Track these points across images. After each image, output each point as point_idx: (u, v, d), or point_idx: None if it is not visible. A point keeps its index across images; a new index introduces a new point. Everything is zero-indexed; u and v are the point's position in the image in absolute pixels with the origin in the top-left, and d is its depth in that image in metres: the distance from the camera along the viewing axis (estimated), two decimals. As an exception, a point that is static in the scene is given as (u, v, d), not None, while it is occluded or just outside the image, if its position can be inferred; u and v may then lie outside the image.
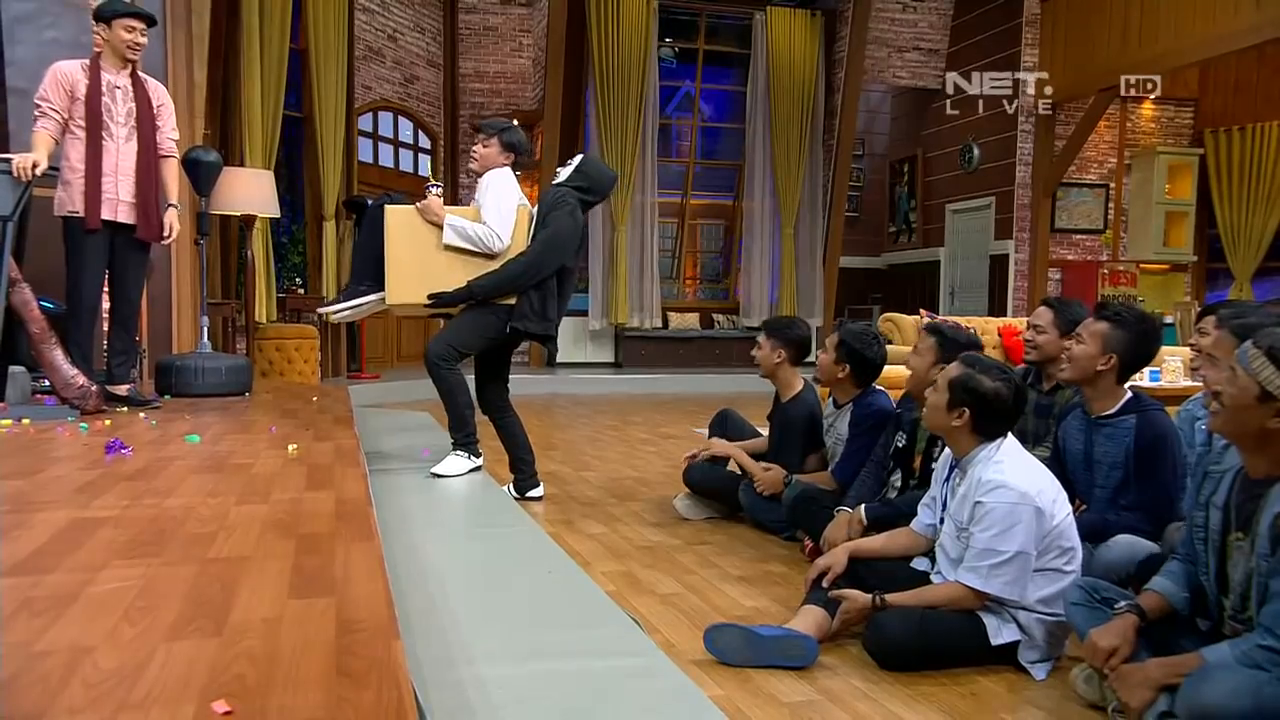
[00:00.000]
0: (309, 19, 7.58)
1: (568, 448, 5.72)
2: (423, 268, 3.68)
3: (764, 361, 3.59)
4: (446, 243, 3.65)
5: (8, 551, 1.83)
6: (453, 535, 2.96)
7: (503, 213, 3.66)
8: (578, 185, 3.79)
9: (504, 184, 3.73)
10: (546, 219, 3.69)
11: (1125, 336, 2.41)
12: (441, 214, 3.67)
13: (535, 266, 3.66)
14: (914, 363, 2.86)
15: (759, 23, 10.63)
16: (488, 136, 3.80)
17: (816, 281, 11.13)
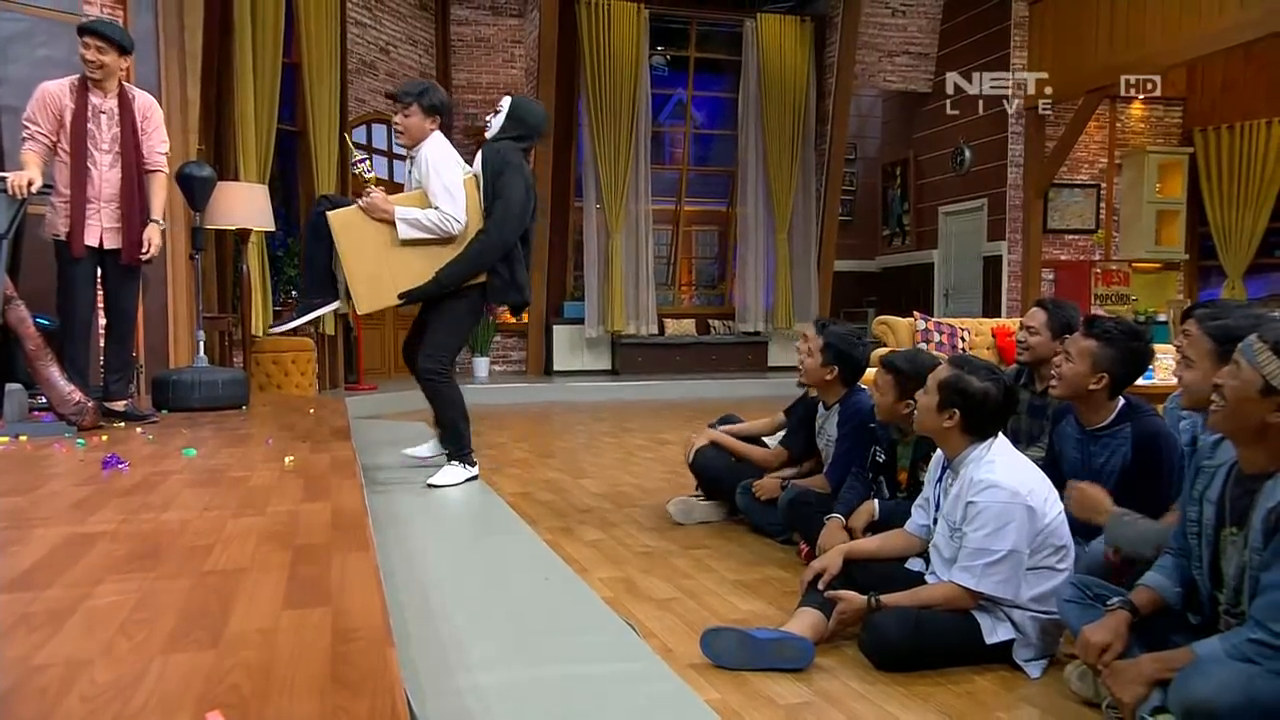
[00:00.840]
0: (301, 33, 7.60)
1: (565, 455, 5.73)
2: (383, 268, 3.52)
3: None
4: (403, 238, 3.50)
5: (5, 567, 1.84)
6: (450, 544, 2.96)
7: (453, 192, 3.51)
8: (515, 135, 3.64)
9: (444, 159, 3.56)
10: (496, 185, 3.54)
11: (1115, 354, 2.38)
12: (389, 209, 3.50)
13: (499, 242, 3.55)
14: (877, 399, 2.85)
15: (749, 29, 10.68)
16: (405, 105, 3.58)
17: (811, 285, 11.15)
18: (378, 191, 3.58)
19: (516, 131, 3.64)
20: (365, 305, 3.62)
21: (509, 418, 7.58)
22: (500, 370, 10.62)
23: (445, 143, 3.67)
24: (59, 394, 3.78)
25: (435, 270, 3.56)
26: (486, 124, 3.71)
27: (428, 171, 3.54)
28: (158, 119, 4.18)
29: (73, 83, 3.97)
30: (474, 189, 3.62)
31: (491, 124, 3.67)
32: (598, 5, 10.00)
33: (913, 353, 2.95)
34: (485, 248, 3.56)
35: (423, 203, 3.55)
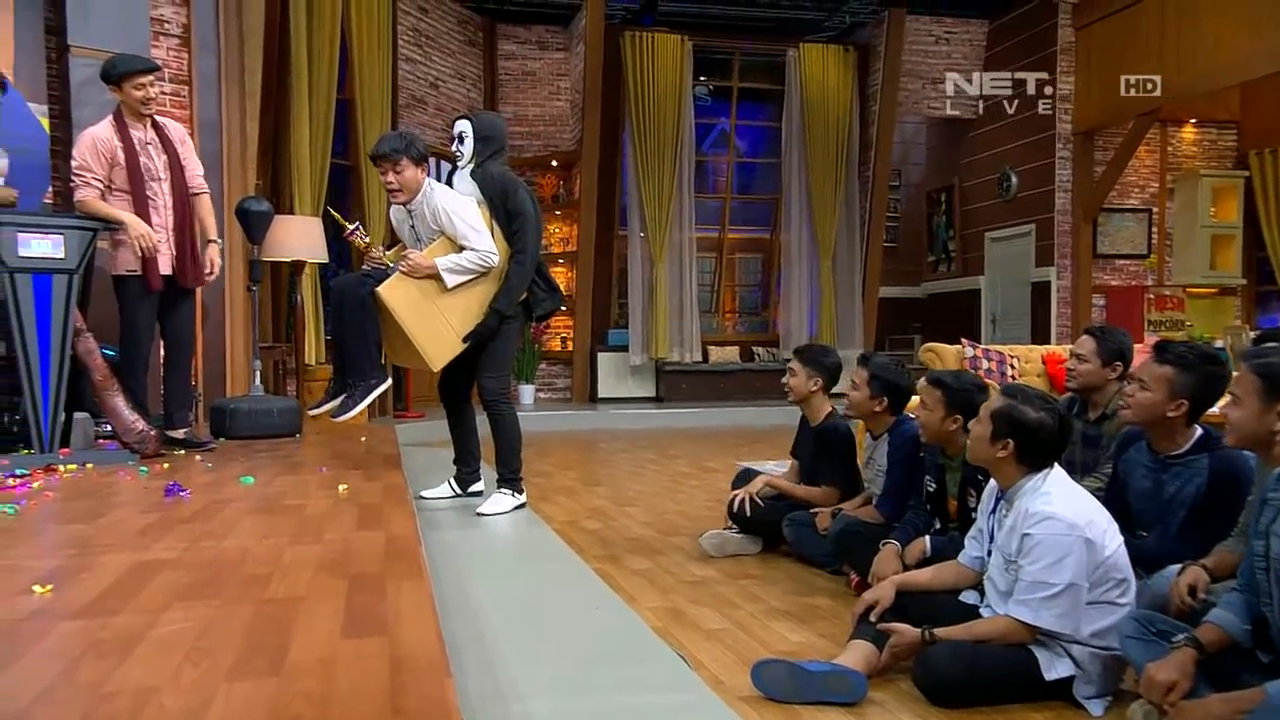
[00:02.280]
0: (355, 70, 7.81)
1: (611, 483, 5.74)
2: (441, 320, 3.61)
3: (798, 388, 3.61)
4: (451, 286, 3.58)
5: (75, 594, 1.90)
6: (499, 572, 2.99)
7: (478, 228, 3.57)
8: (492, 153, 3.67)
9: (456, 201, 3.60)
10: (507, 206, 3.61)
11: (1193, 380, 2.30)
12: (430, 264, 3.55)
13: (532, 259, 3.65)
14: (924, 417, 2.83)
15: (792, 59, 10.73)
16: (395, 162, 3.54)
17: (856, 312, 11.09)
18: (413, 253, 3.62)
19: (491, 149, 3.68)
20: (439, 361, 3.66)
21: (554, 445, 7.62)
22: (545, 397, 10.69)
23: (443, 185, 3.71)
24: (123, 423, 3.90)
25: (485, 304, 3.64)
26: (458, 154, 3.71)
27: (447, 218, 3.58)
28: (190, 142, 4.31)
29: (111, 124, 4.05)
30: (487, 217, 3.67)
31: (463, 151, 3.67)
32: (642, 38, 10.13)
33: (957, 370, 2.92)
34: (525, 266, 3.65)
35: (449, 248, 3.60)
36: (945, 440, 2.80)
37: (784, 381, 3.68)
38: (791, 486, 3.71)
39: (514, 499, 3.84)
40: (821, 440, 3.58)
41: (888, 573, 2.65)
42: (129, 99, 4.04)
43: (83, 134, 4.06)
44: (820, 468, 3.58)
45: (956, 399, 2.71)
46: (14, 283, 3.68)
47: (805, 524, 3.44)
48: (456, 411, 4.02)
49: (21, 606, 1.80)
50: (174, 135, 4.22)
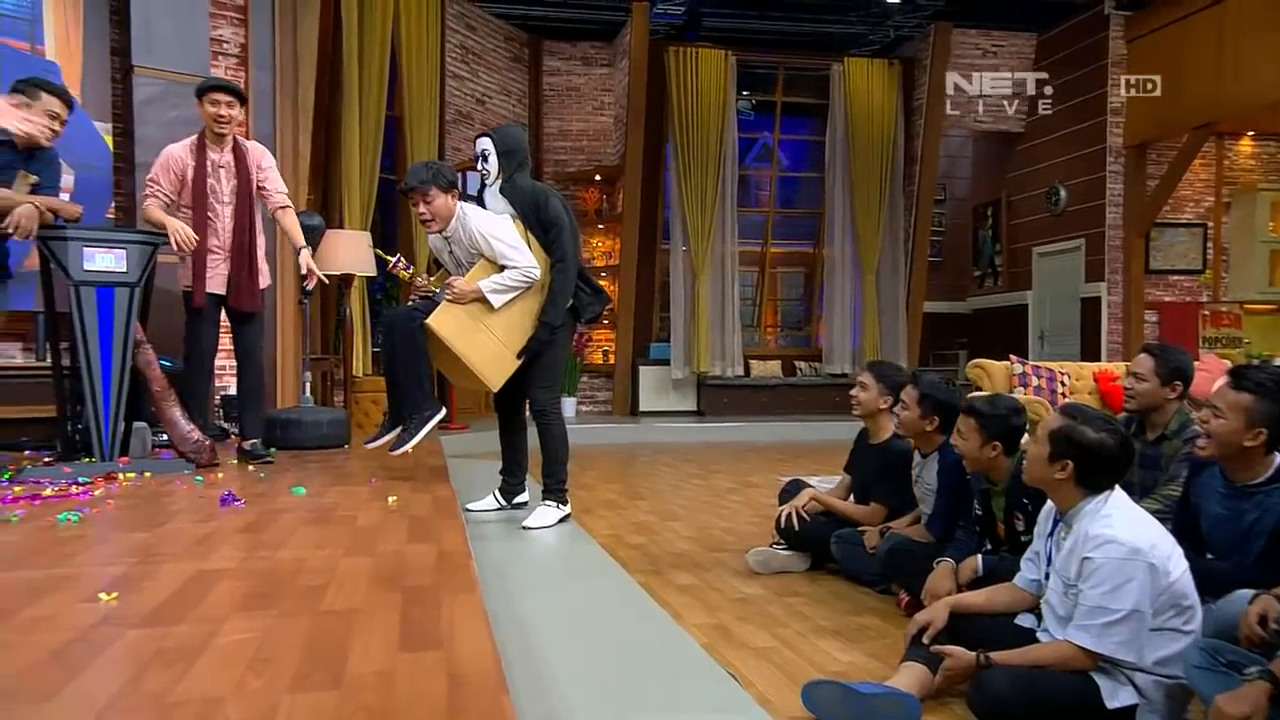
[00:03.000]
0: (404, 87, 7.95)
1: (654, 497, 5.73)
2: (493, 340, 3.65)
3: (868, 403, 3.57)
4: (497, 306, 3.61)
5: (138, 602, 1.94)
6: (546, 586, 2.99)
7: (517, 246, 3.60)
8: (516, 166, 3.69)
9: (491, 222, 3.63)
10: (542, 217, 3.64)
11: (1272, 408, 2.21)
12: (474, 288, 3.58)
13: (573, 265, 3.67)
14: (962, 446, 2.77)
15: (837, 73, 10.70)
16: (425, 193, 3.60)
17: (900, 327, 10.98)
18: (456, 279, 3.66)
19: (515, 162, 3.70)
20: (497, 380, 3.69)
21: (596, 458, 7.64)
22: (587, 410, 10.72)
23: (476, 207, 3.73)
24: (180, 433, 3.98)
25: (533, 317, 3.67)
26: (484, 173, 3.73)
27: (484, 240, 3.61)
28: (271, 161, 4.42)
29: (191, 143, 4.23)
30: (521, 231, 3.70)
31: (488, 169, 3.70)
32: (685, 53, 10.17)
33: (992, 395, 2.87)
34: (567, 275, 3.67)
35: (491, 270, 3.64)
36: (987, 467, 2.76)
37: (853, 395, 3.64)
38: (838, 502, 3.68)
39: (559, 511, 3.85)
40: (885, 458, 3.53)
41: (941, 591, 2.62)
42: (204, 116, 4.20)
43: (166, 148, 4.24)
44: (878, 485, 3.55)
45: (993, 426, 2.67)
46: (79, 295, 3.78)
47: (853, 542, 3.41)
48: (510, 425, 4.05)
49: (89, 614, 1.84)
50: (253, 159, 4.33)
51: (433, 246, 3.91)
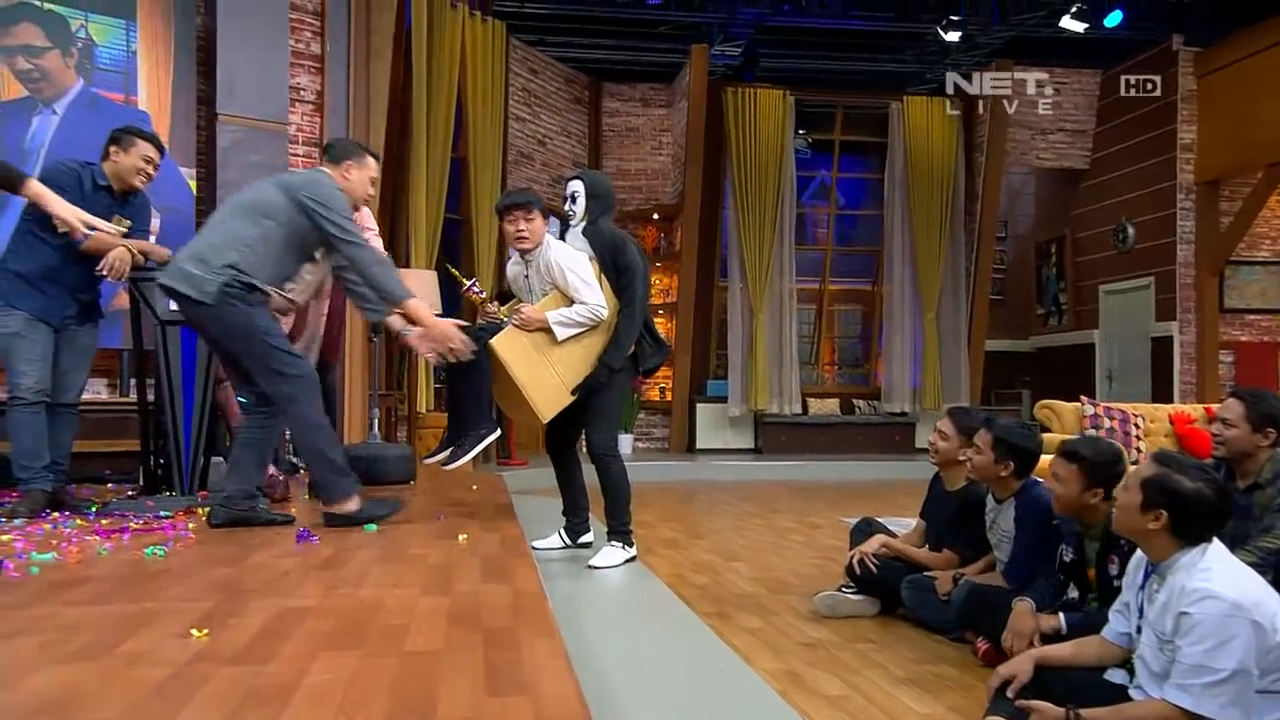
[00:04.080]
0: (469, 130, 8.15)
1: (714, 537, 5.69)
2: (550, 372, 3.67)
3: (946, 452, 3.50)
4: (561, 339, 3.64)
5: (229, 639, 1.98)
6: (616, 627, 2.99)
7: (590, 284, 3.65)
8: (602, 210, 3.76)
9: (571, 255, 3.69)
10: (618, 262, 3.69)
11: None
12: (541, 318, 3.62)
13: (640, 313, 3.71)
14: (1059, 490, 2.70)
15: (895, 111, 10.69)
16: (528, 211, 3.69)
17: (961, 365, 10.82)
18: (525, 307, 3.71)
19: (602, 207, 3.78)
20: (548, 412, 3.72)
21: (654, 495, 7.62)
22: (643, 446, 10.73)
23: (559, 240, 3.80)
24: (256, 467, 4.07)
25: (594, 358, 3.71)
26: (570, 213, 3.81)
27: (560, 272, 3.67)
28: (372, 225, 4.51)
29: None
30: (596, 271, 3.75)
31: (575, 210, 3.78)
32: (744, 93, 10.27)
33: (1093, 439, 2.80)
34: (633, 321, 3.70)
35: (561, 303, 3.69)
36: (1083, 512, 2.69)
37: (931, 441, 3.59)
38: (909, 548, 3.61)
39: (625, 552, 3.85)
40: (963, 504, 3.46)
41: (1024, 630, 2.56)
42: None
43: None
44: (954, 532, 3.48)
45: (1098, 473, 2.59)
46: (164, 334, 3.92)
47: (925, 587, 3.34)
48: (563, 463, 4.07)
49: (183, 649, 1.89)
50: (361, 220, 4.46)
51: (509, 273, 3.98)
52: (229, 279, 3.30)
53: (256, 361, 3.40)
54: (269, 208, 3.41)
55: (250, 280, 3.35)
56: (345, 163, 3.63)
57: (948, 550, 3.48)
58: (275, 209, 3.40)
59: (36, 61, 5.33)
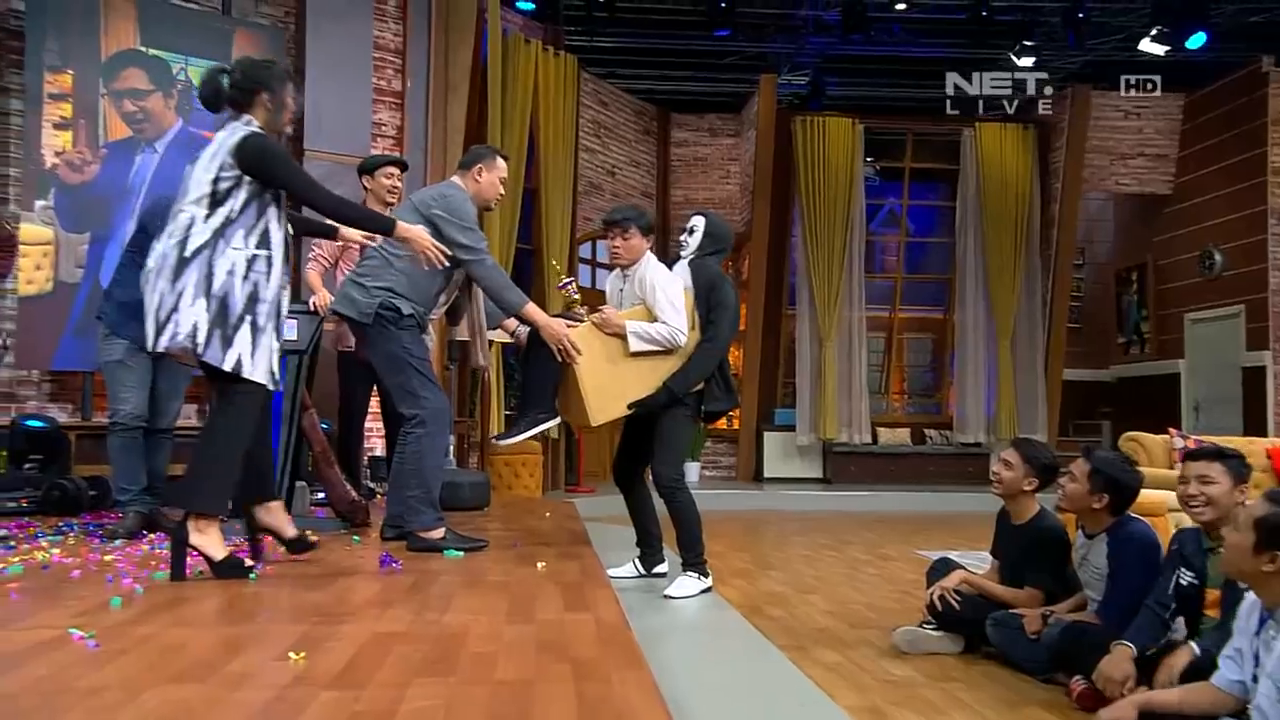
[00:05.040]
0: (541, 162, 8.30)
1: (786, 567, 5.62)
2: (612, 380, 3.66)
3: (1010, 483, 3.42)
4: (634, 350, 3.64)
5: (325, 663, 2.03)
6: (696, 659, 2.96)
7: (677, 307, 3.66)
8: (713, 250, 3.79)
9: (666, 276, 3.72)
10: (711, 298, 3.69)
11: None
12: (620, 324, 3.64)
13: (720, 350, 3.71)
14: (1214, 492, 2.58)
15: (968, 138, 10.56)
16: (625, 229, 3.73)
17: (1038, 395, 10.55)
18: (608, 308, 3.76)
19: (714, 247, 3.81)
20: (599, 416, 3.72)
21: (722, 524, 7.56)
22: (710, 475, 10.68)
23: (659, 262, 3.84)
24: (338, 493, 4.18)
25: (661, 379, 3.68)
26: (682, 244, 3.86)
27: (651, 288, 3.69)
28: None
29: None
30: (689, 302, 3.75)
31: (688, 243, 3.83)
32: (812, 122, 10.26)
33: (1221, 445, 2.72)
34: (709, 355, 3.69)
35: (645, 318, 3.70)
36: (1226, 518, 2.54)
37: (994, 471, 3.51)
38: (991, 585, 3.51)
39: (700, 582, 3.82)
40: (1032, 539, 3.37)
41: (1118, 677, 2.46)
42: (376, 189, 4.52)
43: None
44: (1029, 568, 3.37)
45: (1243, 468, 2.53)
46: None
47: (1012, 626, 3.23)
48: (631, 493, 4.07)
49: (283, 673, 1.94)
50: None
51: (609, 287, 4.02)
52: (384, 300, 3.50)
53: (397, 383, 3.57)
54: None
55: (401, 303, 3.52)
56: (476, 166, 3.77)
57: (1030, 588, 3.36)
58: None
59: (141, 104, 5.64)
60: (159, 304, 2.87)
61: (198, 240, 2.85)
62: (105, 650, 2.07)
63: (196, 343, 2.86)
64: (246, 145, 2.88)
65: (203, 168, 2.91)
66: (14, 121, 5.47)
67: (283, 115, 3.05)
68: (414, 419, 3.58)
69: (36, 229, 5.35)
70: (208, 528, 2.96)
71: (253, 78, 2.98)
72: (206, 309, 2.84)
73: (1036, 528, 3.39)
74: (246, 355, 2.90)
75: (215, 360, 2.88)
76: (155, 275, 2.89)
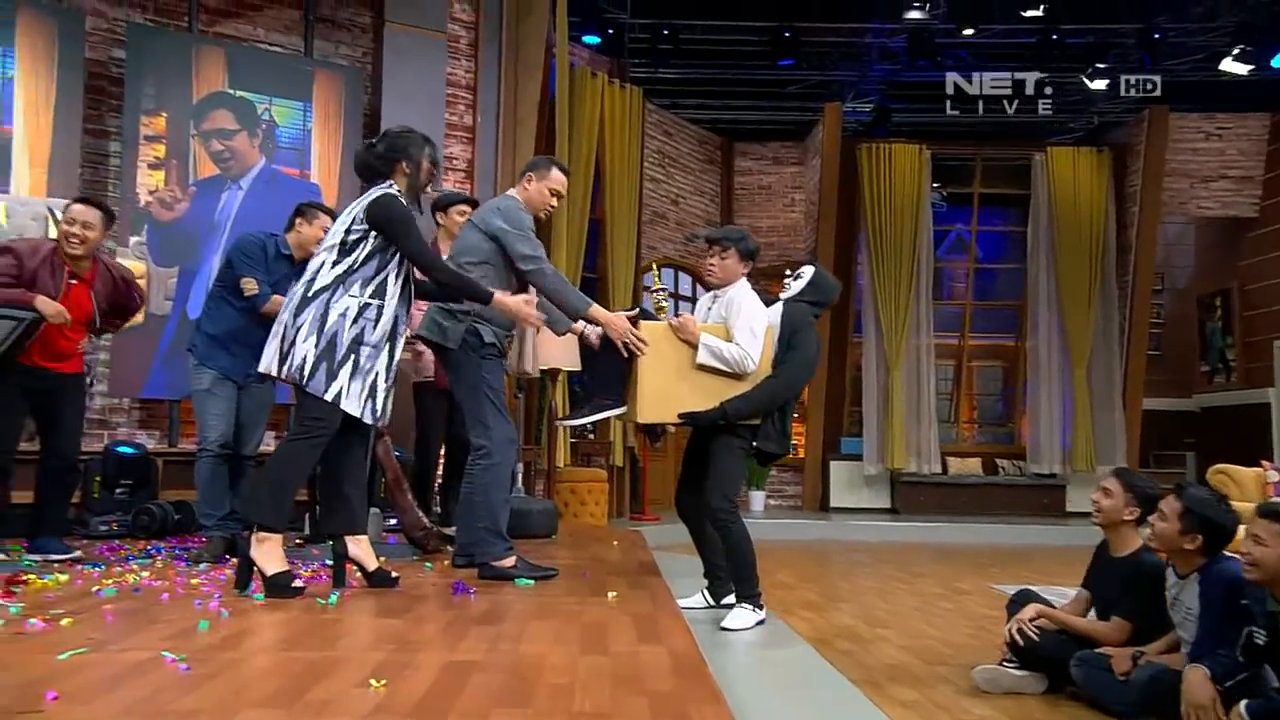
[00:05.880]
0: (606, 192, 8.41)
1: (856, 600, 5.52)
2: (672, 386, 3.65)
3: (1111, 512, 3.30)
4: (700, 362, 3.63)
5: (405, 691, 2.05)
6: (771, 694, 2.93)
7: (756, 334, 3.65)
8: (811, 300, 3.81)
9: (754, 303, 3.73)
10: (792, 340, 3.70)
11: None
12: (696, 333, 3.64)
13: (786, 389, 3.69)
14: (1260, 554, 2.50)
15: (1039, 163, 10.38)
16: (724, 249, 3.77)
17: (1116, 425, 10.21)
18: (688, 315, 3.76)
19: (814, 297, 3.85)
20: (647, 415, 3.73)
21: (788, 555, 7.47)
22: (775, 504, 10.57)
23: (751, 290, 3.84)
24: (411, 519, 4.25)
25: (719, 399, 3.65)
26: (786, 285, 3.90)
27: (736, 310, 3.70)
28: None
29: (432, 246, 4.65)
30: (770, 337, 3.75)
31: (791, 286, 3.88)
32: (878, 149, 10.20)
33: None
34: (774, 391, 3.68)
35: (723, 336, 3.70)
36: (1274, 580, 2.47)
37: (1094, 499, 3.39)
38: (1071, 618, 3.37)
39: (755, 614, 3.77)
40: (1132, 574, 3.25)
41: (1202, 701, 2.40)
42: (450, 224, 4.65)
43: None
44: (1123, 602, 3.25)
45: None
46: (332, 391, 4.17)
47: (1099, 666, 3.12)
48: (693, 523, 4.06)
49: (365, 700, 1.97)
50: None
51: (698, 306, 4.07)
52: (469, 326, 3.60)
53: (470, 410, 3.64)
54: (475, 251, 3.66)
55: (484, 329, 3.61)
56: (528, 174, 3.85)
57: (1117, 618, 3.24)
58: (477, 250, 3.66)
59: (227, 143, 5.90)
60: (282, 335, 3.14)
61: (321, 283, 3.14)
62: (195, 674, 2.14)
63: (304, 374, 3.10)
64: (377, 204, 3.17)
65: (341, 220, 3.25)
66: (113, 163, 5.76)
67: (420, 177, 3.33)
68: (481, 449, 3.63)
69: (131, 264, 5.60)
70: (267, 540, 3.12)
71: (392, 148, 3.30)
72: (316, 345, 3.10)
73: (1139, 562, 3.26)
74: (345, 389, 3.12)
75: (318, 391, 3.10)
76: (284, 309, 3.19)
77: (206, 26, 6.02)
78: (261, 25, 6.24)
